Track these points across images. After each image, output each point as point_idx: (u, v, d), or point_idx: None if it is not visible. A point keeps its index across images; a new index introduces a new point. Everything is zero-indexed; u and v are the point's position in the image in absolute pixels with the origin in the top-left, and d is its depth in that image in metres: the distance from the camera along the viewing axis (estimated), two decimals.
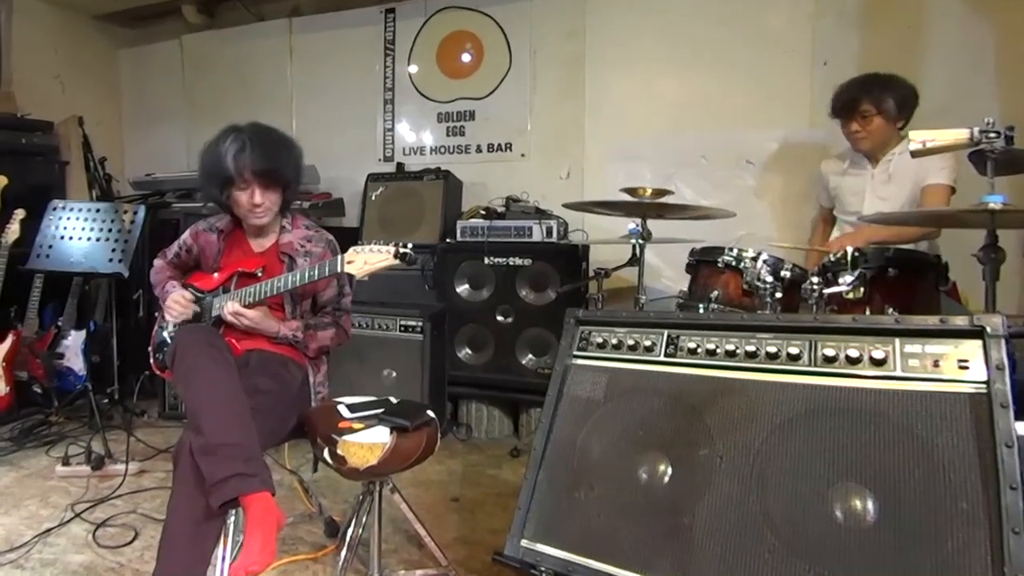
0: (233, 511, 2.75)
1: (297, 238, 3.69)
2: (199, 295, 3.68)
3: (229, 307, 3.43)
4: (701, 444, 2.54)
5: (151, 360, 3.85)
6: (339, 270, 3.15)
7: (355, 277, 3.13)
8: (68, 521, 4.05)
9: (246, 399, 2.95)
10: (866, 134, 4.37)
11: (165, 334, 3.80)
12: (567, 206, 4.21)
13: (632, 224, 3.92)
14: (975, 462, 2.12)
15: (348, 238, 3.54)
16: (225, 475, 2.70)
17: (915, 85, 4.33)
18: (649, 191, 3.86)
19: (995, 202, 2.53)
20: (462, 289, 5.63)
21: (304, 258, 3.60)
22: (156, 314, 3.93)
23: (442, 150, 6.73)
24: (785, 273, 3.53)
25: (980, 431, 2.15)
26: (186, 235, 3.89)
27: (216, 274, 3.69)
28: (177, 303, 3.63)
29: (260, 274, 3.57)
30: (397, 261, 3.05)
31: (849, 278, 3.21)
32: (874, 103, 4.30)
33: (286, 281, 3.35)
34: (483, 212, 5.78)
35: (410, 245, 3.07)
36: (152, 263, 3.97)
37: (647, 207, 3.87)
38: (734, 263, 3.66)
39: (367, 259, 3.09)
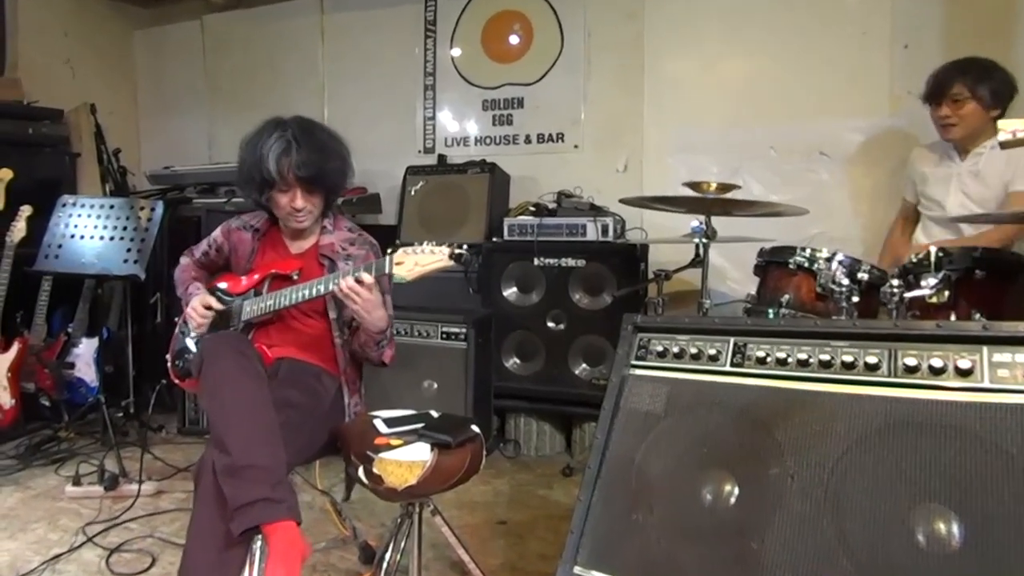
0: (260, 537, 2.75)
1: (339, 240, 3.68)
2: (227, 298, 3.69)
3: (347, 281, 3.21)
4: (771, 462, 2.54)
5: (169, 368, 3.86)
6: (387, 271, 3.13)
7: (393, 280, 3.13)
8: (79, 546, 4.08)
9: (276, 416, 2.95)
10: (957, 120, 4.35)
11: (187, 340, 3.80)
12: (624, 202, 4.22)
13: (695, 222, 3.92)
14: None
15: (385, 237, 3.53)
16: (249, 500, 2.71)
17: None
18: (714, 186, 3.88)
19: None
20: (509, 293, 5.66)
21: (345, 261, 3.58)
22: (176, 319, 3.94)
23: (488, 141, 6.77)
24: (862, 275, 3.51)
25: None
26: (217, 233, 3.90)
27: (246, 276, 3.70)
28: (195, 310, 3.64)
29: (296, 277, 3.58)
30: (452, 263, 3.05)
31: (932, 280, 3.18)
32: (968, 86, 4.29)
33: (327, 283, 3.31)
34: (532, 208, 5.79)
35: (465, 246, 3.06)
36: (178, 261, 3.95)
37: (711, 203, 3.88)
38: (807, 264, 3.65)
39: (418, 260, 3.07)
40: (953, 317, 3.13)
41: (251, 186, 3.56)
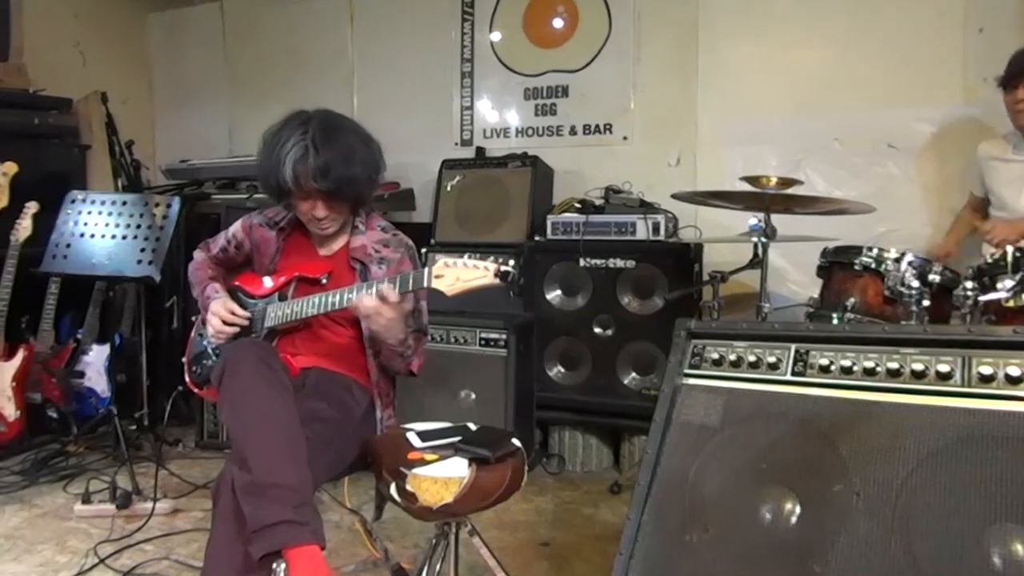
0: (281, 561, 2.73)
1: (371, 241, 3.64)
2: (250, 301, 3.66)
3: (374, 296, 3.18)
4: (834, 478, 2.54)
5: (186, 375, 3.85)
6: (425, 285, 3.10)
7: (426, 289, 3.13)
8: (89, 569, 4.10)
9: (302, 431, 2.94)
10: None
11: (205, 343, 3.77)
12: (676, 197, 4.24)
13: (753, 219, 3.93)
14: None
15: (419, 235, 3.49)
16: (271, 521, 2.71)
17: None
18: (773, 180, 3.88)
19: None
20: (553, 296, 5.69)
21: (379, 266, 3.54)
22: (194, 318, 3.93)
23: (529, 132, 6.80)
24: (934, 277, 3.50)
25: None
26: (237, 227, 3.85)
27: (270, 277, 3.67)
28: (218, 316, 3.60)
29: (325, 281, 3.55)
30: (497, 281, 3.01)
31: (1009, 283, 3.16)
32: None
33: (357, 291, 3.27)
34: (578, 205, 5.82)
35: (511, 262, 3.02)
36: (191, 257, 3.93)
37: (771, 199, 3.89)
38: (873, 265, 3.65)
39: (460, 275, 3.03)
40: None
41: (271, 191, 3.52)
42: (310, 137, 3.34)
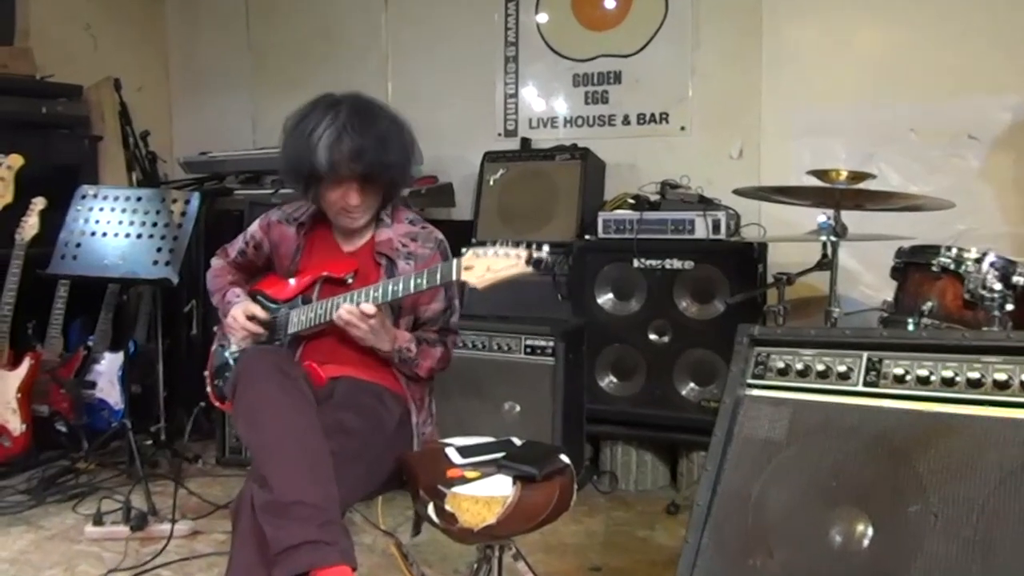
0: None
1: (398, 235, 3.67)
2: (272, 306, 3.69)
3: (346, 309, 3.32)
4: (910, 497, 2.53)
5: (208, 389, 3.87)
6: (454, 278, 3.12)
7: (468, 287, 3.12)
8: None
9: (326, 444, 2.94)
10: None
11: (227, 355, 3.78)
12: (739, 193, 4.23)
13: (822, 216, 3.93)
14: None
15: (459, 234, 3.46)
16: (295, 542, 2.70)
17: None
18: (844, 174, 3.88)
19: None
20: (605, 299, 5.69)
21: (406, 261, 3.56)
22: (215, 329, 3.96)
23: (579, 122, 6.79)
24: (1018, 279, 3.47)
25: None
26: (254, 227, 3.90)
27: (293, 279, 3.68)
28: (237, 320, 3.63)
29: (351, 281, 3.56)
30: (530, 269, 3.01)
31: None
32: None
33: (385, 291, 3.30)
34: (631, 201, 5.82)
35: (546, 248, 3.01)
36: (209, 264, 3.96)
37: (841, 195, 3.88)
38: (952, 266, 3.63)
39: (490, 264, 3.04)
40: None
41: (296, 178, 3.55)
42: (343, 119, 3.39)
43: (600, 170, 6.41)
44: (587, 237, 5.83)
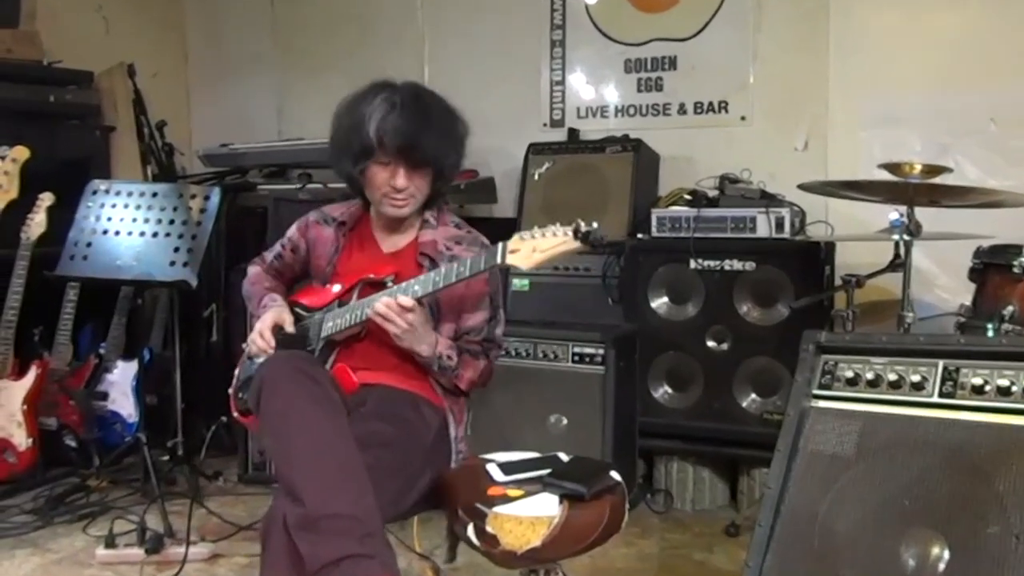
0: None
1: (443, 237, 3.69)
2: (306, 314, 3.71)
3: (383, 302, 3.32)
4: (989, 518, 2.53)
5: (232, 402, 3.86)
6: (499, 261, 3.15)
7: (512, 270, 3.12)
8: None
9: (358, 451, 2.94)
10: None
11: (255, 367, 3.69)
12: (804, 188, 4.23)
13: (894, 214, 3.92)
14: None
15: (501, 232, 3.42)
16: (333, 558, 2.69)
17: None
18: (918, 168, 3.88)
19: None
20: (659, 303, 5.67)
21: (449, 264, 3.48)
22: (244, 346, 3.88)
23: (631, 111, 6.78)
24: None
25: None
26: (292, 229, 3.94)
27: (331, 285, 3.70)
28: (260, 334, 3.63)
29: (391, 283, 3.54)
30: (578, 244, 3.01)
31: None
32: None
33: (426, 282, 3.33)
34: (688, 197, 5.79)
35: (595, 223, 3.00)
36: (238, 263, 3.94)
37: (915, 190, 3.88)
38: None
39: (536, 245, 3.06)
40: None
41: (346, 156, 3.55)
42: (398, 98, 3.46)
43: (654, 163, 6.41)
44: (640, 236, 5.80)
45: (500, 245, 3.15)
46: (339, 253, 3.77)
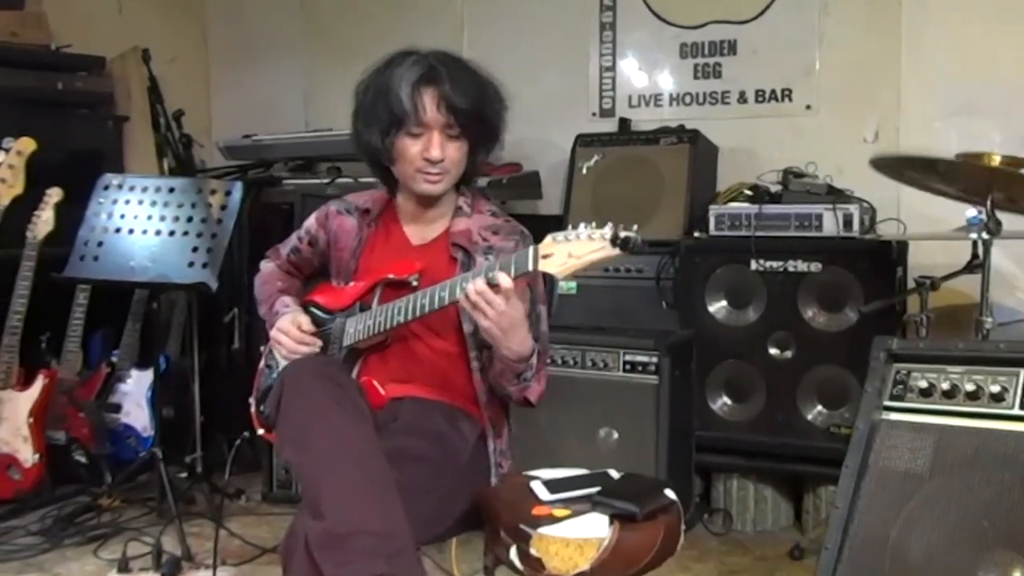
0: None
1: (478, 226, 3.56)
2: (325, 316, 3.64)
3: (475, 285, 3.04)
4: None
5: (253, 412, 3.80)
6: (530, 267, 2.97)
7: (556, 280, 3.06)
8: None
9: (386, 462, 2.90)
10: None
11: (275, 376, 3.68)
12: (875, 166, 4.20)
13: (972, 211, 3.92)
14: None
15: (546, 231, 3.35)
16: None
17: None
18: (997, 160, 3.86)
19: None
20: (717, 308, 5.67)
21: (485, 256, 3.44)
22: (263, 348, 3.88)
23: (687, 100, 6.79)
24: None
25: None
26: (311, 220, 3.83)
27: (350, 283, 3.62)
28: (286, 333, 3.55)
29: (415, 283, 3.46)
30: (616, 251, 2.81)
31: None
32: None
33: (453, 286, 3.18)
34: (748, 192, 5.78)
35: (635, 227, 2.84)
36: (254, 267, 3.89)
37: (996, 185, 3.87)
38: None
39: (571, 250, 2.87)
40: None
41: (372, 125, 3.45)
42: (431, 60, 3.36)
43: (712, 156, 6.41)
44: (696, 235, 5.77)
45: (531, 249, 2.98)
46: (363, 245, 3.67)
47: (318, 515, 2.75)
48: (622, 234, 2.79)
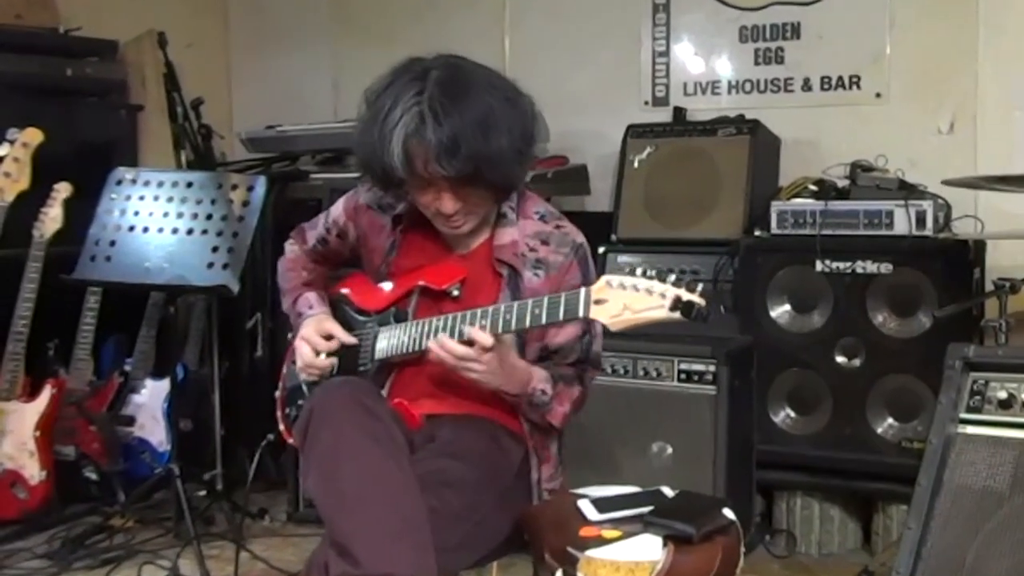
0: None
1: (524, 235, 3.46)
2: (358, 318, 3.60)
3: (440, 343, 3.10)
4: None
5: (279, 416, 3.79)
6: (580, 314, 2.94)
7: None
8: None
9: (423, 501, 2.90)
10: None
11: (303, 376, 3.66)
12: (949, 183, 4.21)
13: None
14: None
15: (595, 229, 3.27)
16: None
17: None
18: None
19: None
20: (780, 312, 5.68)
21: (534, 271, 3.40)
22: (290, 345, 3.81)
23: (747, 87, 6.78)
24: None
25: None
26: (338, 208, 3.80)
27: (387, 283, 3.56)
28: (309, 342, 3.52)
29: (456, 294, 3.41)
30: (676, 315, 2.75)
31: None
32: None
33: (495, 321, 3.12)
34: (813, 188, 5.79)
35: (699, 287, 2.78)
36: (283, 253, 3.86)
37: None
38: None
39: (628, 302, 2.83)
40: None
41: (373, 177, 3.42)
42: (427, 99, 3.10)
43: (774, 148, 6.41)
44: (757, 233, 5.77)
45: (583, 292, 2.92)
46: (396, 249, 3.60)
47: (346, 554, 2.74)
48: (685, 297, 2.74)
